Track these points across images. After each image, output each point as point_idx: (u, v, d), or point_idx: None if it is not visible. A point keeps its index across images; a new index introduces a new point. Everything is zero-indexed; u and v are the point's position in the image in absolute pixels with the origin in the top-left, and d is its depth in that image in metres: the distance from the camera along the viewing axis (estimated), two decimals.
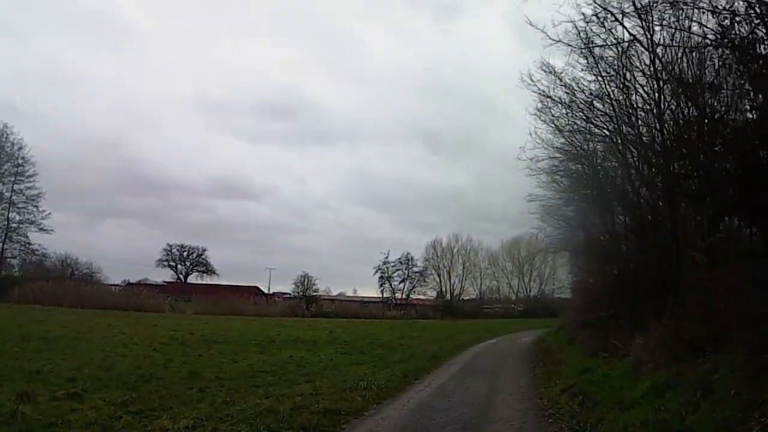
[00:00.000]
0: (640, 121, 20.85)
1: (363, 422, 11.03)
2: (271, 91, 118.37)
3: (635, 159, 21.65)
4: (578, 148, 26.54)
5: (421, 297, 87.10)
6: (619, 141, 21.42)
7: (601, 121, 22.46)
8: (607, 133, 23.11)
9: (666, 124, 18.89)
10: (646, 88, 19.19)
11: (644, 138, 21.06)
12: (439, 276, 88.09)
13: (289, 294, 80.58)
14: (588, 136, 25.02)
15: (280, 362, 19.42)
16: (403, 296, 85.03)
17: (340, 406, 12.06)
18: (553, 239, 33.64)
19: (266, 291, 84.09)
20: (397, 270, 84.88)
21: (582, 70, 20.38)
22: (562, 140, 26.12)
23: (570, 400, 12.34)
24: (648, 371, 12.35)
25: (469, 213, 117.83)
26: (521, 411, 12.03)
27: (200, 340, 26.64)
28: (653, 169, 19.94)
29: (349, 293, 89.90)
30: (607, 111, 22.06)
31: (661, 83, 17.93)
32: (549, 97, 22.54)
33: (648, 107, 19.51)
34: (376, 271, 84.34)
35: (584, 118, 23.07)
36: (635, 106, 20.54)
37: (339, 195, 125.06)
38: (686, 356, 12.02)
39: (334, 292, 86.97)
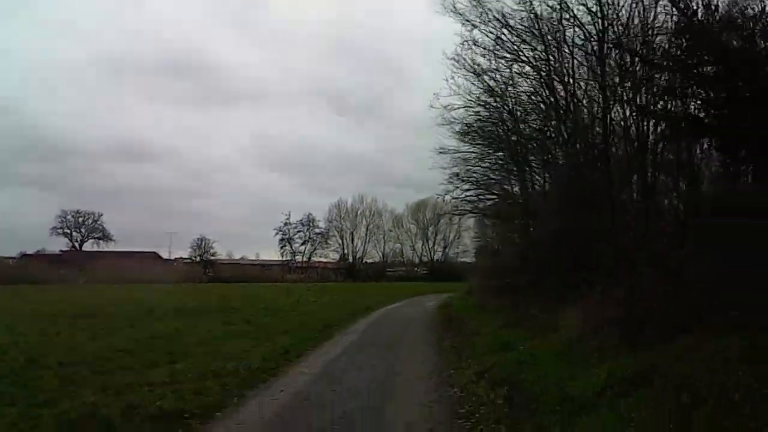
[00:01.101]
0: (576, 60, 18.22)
1: None
2: (171, 51, 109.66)
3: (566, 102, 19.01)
4: (499, 98, 23.76)
5: (323, 259, 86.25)
6: (552, 77, 18.61)
7: (529, 59, 19.68)
8: (536, 74, 20.41)
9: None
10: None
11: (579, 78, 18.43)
12: (342, 238, 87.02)
13: (190, 259, 78.36)
14: (511, 82, 22.27)
15: (148, 338, 16.33)
16: (305, 259, 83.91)
17: (189, 403, 8.96)
18: (460, 201, 31.01)
19: (167, 257, 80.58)
20: (299, 232, 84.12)
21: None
22: (481, 88, 23.33)
23: (491, 390, 9.28)
24: (595, 358, 9.42)
25: (374, 177, 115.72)
26: (428, 408, 8.84)
27: (72, 314, 22.71)
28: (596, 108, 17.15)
29: (252, 257, 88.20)
30: (538, 48, 19.29)
31: None
32: (473, 25, 19.38)
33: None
34: (277, 233, 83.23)
35: (511, 56, 20.22)
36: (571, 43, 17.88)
37: (243, 158, 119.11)
38: (645, 342, 9.26)
39: (237, 257, 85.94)
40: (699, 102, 10.21)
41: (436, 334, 18.95)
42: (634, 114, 15.76)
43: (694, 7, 10.96)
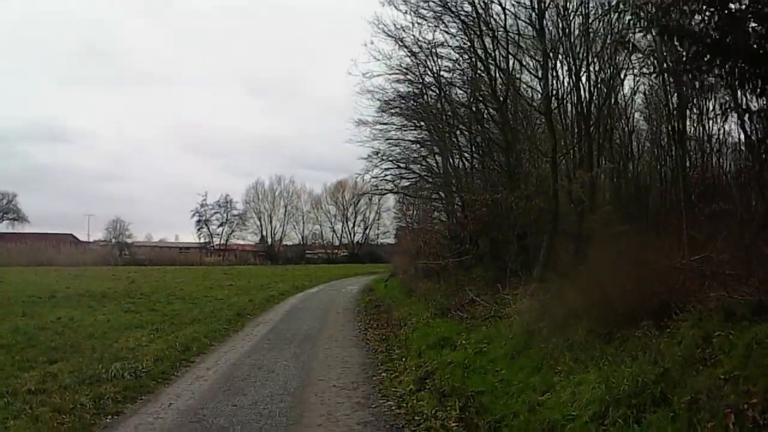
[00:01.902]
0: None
1: None
2: (84, 32, 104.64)
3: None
4: (422, 64, 21.66)
5: (240, 242, 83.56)
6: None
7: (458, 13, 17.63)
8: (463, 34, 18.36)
9: None
10: None
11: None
12: (260, 220, 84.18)
13: (107, 242, 74.67)
14: (436, 43, 20.13)
15: (35, 329, 13.90)
16: (222, 241, 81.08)
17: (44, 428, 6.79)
18: (380, 181, 29.00)
19: (85, 240, 75.79)
20: (216, 213, 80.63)
21: None
22: (403, 53, 21.15)
23: (439, 406, 7.15)
24: (569, 360, 7.39)
25: (293, 159, 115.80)
26: None
27: None
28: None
29: (171, 240, 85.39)
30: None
31: None
32: None
33: None
34: (194, 215, 79.39)
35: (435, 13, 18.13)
36: None
37: (161, 141, 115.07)
38: (621, 336, 7.37)
39: (156, 239, 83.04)
40: None
41: (361, 324, 16.72)
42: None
43: None
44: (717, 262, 8.74)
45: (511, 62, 17.13)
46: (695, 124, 15.25)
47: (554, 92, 15.28)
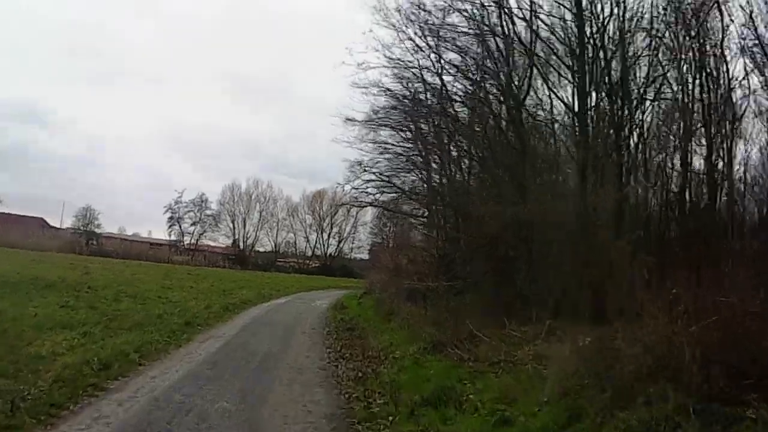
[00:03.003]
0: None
1: None
2: (71, 26, 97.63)
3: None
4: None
5: (211, 243, 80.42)
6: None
7: None
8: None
9: None
10: None
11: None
12: (233, 222, 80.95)
13: (76, 230, 70.54)
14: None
15: None
16: (193, 241, 78.45)
17: None
18: (360, 193, 26.52)
19: (58, 226, 71.63)
20: (189, 211, 78.03)
21: None
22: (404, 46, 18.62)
23: None
24: None
25: (272, 164, 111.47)
26: None
27: None
28: None
29: (145, 235, 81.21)
30: None
31: None
32: None
33: None
34: (166, 210, 76.64)
35: None
36: None
37: (145, 136, 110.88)
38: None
39: (129, 233, 79.15)
40: None
41: (331, 351, 13.64)
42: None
43: None
44: None
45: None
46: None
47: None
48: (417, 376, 9.46)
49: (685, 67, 13.44)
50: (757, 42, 12.28)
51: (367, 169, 24.71)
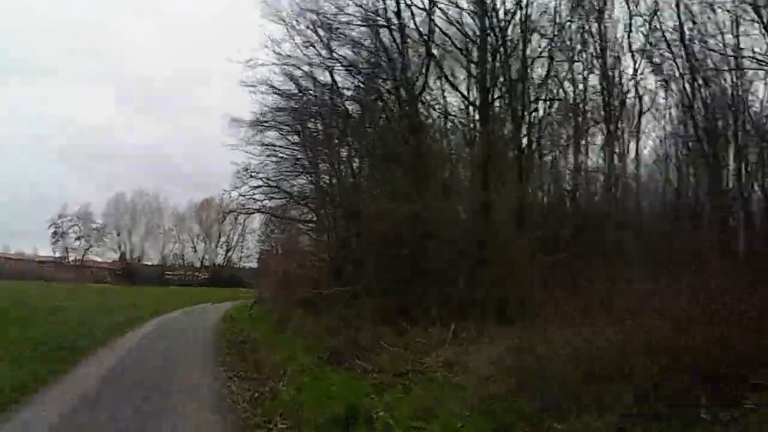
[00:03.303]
0: None
1: None
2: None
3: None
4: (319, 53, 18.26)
5: (98, 258, 77.65)
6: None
7: None
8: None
9: None
10: None
11: None
12: (119, 235, 78.21)
13: None
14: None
15: None
16: (78, 257, 75.38)
17: None
18: (248, 200, 25.67)
19: None
20: (74, 225, 74.85)
21: None
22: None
23: None
24: None
25: (160, 174, 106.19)
26: None
27: None
28: None
29: (30, 252, 76.21)
30: None
31: None
32: None
33: None
34: (50, 226, 73.41)
35: None
36: None
37: (22, 143, 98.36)
38: None
39: (12, 251, 74.15)
40: None
41: (224, 368, 12.32)
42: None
43: None
44: None
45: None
46: None
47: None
48: (319, 393, 8.55)
49: (580, 67, 13.53)
50: (654, 43, 12.53)
51: (253, 174, 24.01)
